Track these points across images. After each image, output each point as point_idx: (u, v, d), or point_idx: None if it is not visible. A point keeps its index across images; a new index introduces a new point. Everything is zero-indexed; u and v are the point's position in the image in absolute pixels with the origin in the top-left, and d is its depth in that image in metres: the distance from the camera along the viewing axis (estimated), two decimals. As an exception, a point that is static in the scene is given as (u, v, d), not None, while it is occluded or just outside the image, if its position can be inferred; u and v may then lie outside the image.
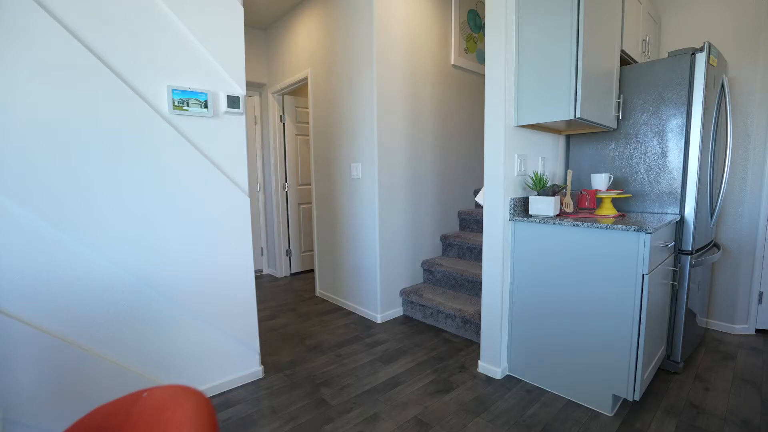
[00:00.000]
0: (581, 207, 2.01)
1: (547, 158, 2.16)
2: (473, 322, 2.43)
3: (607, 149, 2.15)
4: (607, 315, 1.63)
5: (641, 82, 2.01)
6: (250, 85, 3.97)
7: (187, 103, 1.68)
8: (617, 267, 1.58)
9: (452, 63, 3.15)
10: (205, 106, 1.73)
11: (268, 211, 4.21)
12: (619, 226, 1.55)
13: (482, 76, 3.47)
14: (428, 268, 2.99)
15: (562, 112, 1.72)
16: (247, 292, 1.95)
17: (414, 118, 2.89)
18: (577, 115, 1.67)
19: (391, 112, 2.71)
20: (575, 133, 2.26)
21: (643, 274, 1.52)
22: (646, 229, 1.48)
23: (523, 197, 1.98)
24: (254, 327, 1.99)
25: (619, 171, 2.12)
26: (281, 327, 2.73)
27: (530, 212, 1.92)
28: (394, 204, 2.81)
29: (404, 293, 2.87)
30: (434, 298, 2.69)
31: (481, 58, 3.41)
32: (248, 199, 1.91)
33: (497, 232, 1.92)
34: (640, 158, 2.04)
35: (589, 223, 1.63)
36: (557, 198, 1.87)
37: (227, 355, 1.91)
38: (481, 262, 2.92)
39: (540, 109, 1.79)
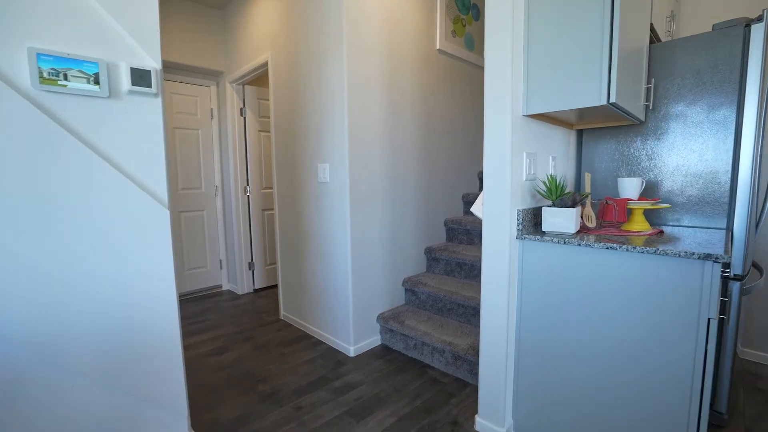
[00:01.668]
0: (605, 220, 1.59)
1: (557, 158, 1.74)
2: (466, 359, 1.98)
3: (630, 147, 1.74)
4: (652, 369, 1.20)
5: (676, 64, 1.60)
6: (205, 74, 3.42)
7: (65, 75, 1.16)
8: (670, 306, 1.16)
9: (437, 48, 2.70)
10: (96, 82, 1.22)
11: (227, 219, 3.67)
12: (673, 249, 1.12)
13: (470, 63, 3.03)
14: (411, 287, 2.53)
15: (589, 95, 1.28)
16: (168, 338, 1.44)
17: (393, 111, 2.43)
18: (612, 100, 1.24)
19: (364, 102, 2.24)
20: (589, 128, 1.85)
21: (708, 319, 1.10)
22: (715, 257, 1.06)
23: (533, 208, 1.55)
24: (180, 382, 1.48)
25: (647, 174, 1.71)
26: (231, 365, 2.22)
27: (543, 228, 1.48)
28: (370, 211, 2.34)
29: (382, 319, 2.40)
30: (418, 327, 2.23)
31: (469, 44, 2.98)
32: (168, 213, 1.40)
33: (501, 252, 1.47)
34: (675, 158, 1.63)
35: (628, 246, 1.20)
36: (578, 210, 1.45)
37: (141, 425, 1.40)
38: (472, 280, 2.48)
39: (558, 93, 1.36)
